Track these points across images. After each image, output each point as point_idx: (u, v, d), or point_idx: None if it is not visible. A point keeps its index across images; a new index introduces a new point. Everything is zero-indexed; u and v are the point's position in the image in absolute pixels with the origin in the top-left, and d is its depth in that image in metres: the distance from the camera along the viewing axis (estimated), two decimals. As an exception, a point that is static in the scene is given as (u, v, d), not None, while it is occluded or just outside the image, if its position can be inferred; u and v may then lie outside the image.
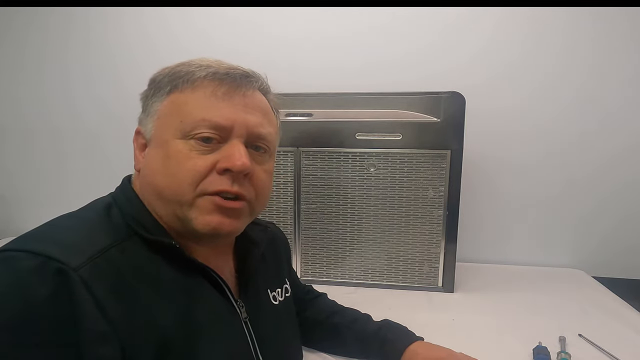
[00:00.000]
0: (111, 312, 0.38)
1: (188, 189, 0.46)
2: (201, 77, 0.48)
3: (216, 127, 0.46)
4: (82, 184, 1.40)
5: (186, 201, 0.46)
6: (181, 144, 0.46)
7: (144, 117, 0.51)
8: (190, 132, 0.46)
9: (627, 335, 0.83)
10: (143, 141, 0.51)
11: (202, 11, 1.27)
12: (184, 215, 0.47)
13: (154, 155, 0.48)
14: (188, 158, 0.46)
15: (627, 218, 1.21)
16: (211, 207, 0.46)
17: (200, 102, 0.47)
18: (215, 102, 0.47)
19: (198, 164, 0.46)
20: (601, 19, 1.13)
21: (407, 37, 1.20)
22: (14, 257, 0.38)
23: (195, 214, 0.46)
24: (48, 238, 0.41)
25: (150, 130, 0.49)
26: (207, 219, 0.46)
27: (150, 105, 0.50)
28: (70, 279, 0.37)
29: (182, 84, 0.48)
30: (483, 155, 1.21)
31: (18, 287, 0.36)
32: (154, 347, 0.41)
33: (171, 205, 0.47)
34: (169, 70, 0.50)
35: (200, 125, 0.46)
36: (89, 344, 0.36)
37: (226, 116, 0.47)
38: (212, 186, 0.46)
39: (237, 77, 0.49)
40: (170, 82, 0.49)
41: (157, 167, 0.47)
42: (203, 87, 0.47)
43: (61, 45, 1.36)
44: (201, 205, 0.46)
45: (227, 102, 0.47)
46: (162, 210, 0.48)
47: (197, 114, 0.46)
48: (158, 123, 0.49)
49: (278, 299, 0.62)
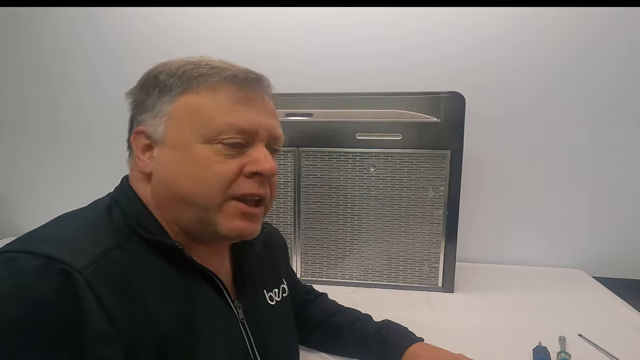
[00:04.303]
0: (114, 312, 0.38)
1: (217, 194, 0.47)
2: (219, 80, 0.48)
3: (243, 132, 0.47)
4: (82, 184, 1.40)
5: (214, 206, 0.47)
6: (205, 148, 0.47)
7: (149, 117, 0.49)
8: (215, 137, 0.47)
9: (627, 335, 0.83)
10: (146, 142, 0.49)
11: (205, 10, 1.27)
12: (210, 219, 0.47)
13: (171, 159, 0.48)
14: (215, 163, 0.47)
15: (628, 218, 1.21)
16: (237, 213, 0.48)
17: (223, 107, 0.47)
18: (239, 107, 0.48)
19: (226, 168, 0.47)
20: (602, 19, 1.13)
21: (408, 37, 1.20)
22: (17, 259, 0.38)
23: (221, 219, 0.48)
24: (51, 239, 0.41)
25: (160, 132, 0.48)
26: (233, 224, 0.48)
27: (158, 105, 0.48)
28: (74, 279, 0.37)
29: (197, 85, 0.48)
30: (483, 155, 1.21)
31: (21, 288, 0.36)
32: (154, 348, 0.41)
33: (196, 209, 0.47)
34: (175, 69, 0.49)
35: (227, 130, 0.47)
36: (93, 344, 0.36)
37: (251, 121, 0.48)
38: (240, 189, 0.48)
39: (254, 81, 0.50)
40: (182, 82, 0.48)
41: (180, 172, 0.47)
42: (224, 90, 0.48)
43: (62, 44, 1.36)
44: (227, 210, 0.48)
45: (249, 107, 0.48)
46: (184, 214, 0.48)
47: (221, 119, 0.47)
48: (171, 125, 0.48)
49: (275, 299, 0.62)
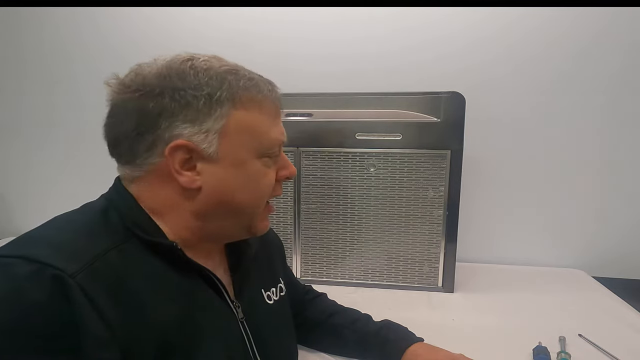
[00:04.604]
0: (109, 316, 0.38)
1: (264, 201, 0.53)
2: (263, 96, 0.50)
3: (282, 144, 0.53)
4: (83, 184, 1.39)
5: (259, 211, 0.53)
6: (258, 162, 0.50)
7: (195, 133, 0.45)
8: (266, 152, 0.51)
9: (627, 335, 0.83)
10: (186, 156, 0.46)
11: (206, 10, 1.27)
12: (252, 224, 0.53)
13: (228, 174, 0.48)
14: (265, 174, 0.52)
15: (628, 218, 1.21)
16: (266, 214, 0.55)
17: (269, 123, 0.51)
18: (277, 121, 0.53)
19: (271, 177, 0.53)
20: (602, 19, 1.13)
21: (408, 37, 1.20)
22: (9, 264, 0.37)
23: (258, 221, 0.54)
24: (43, 243, 0.41)
25: (214, 147, 0.46)
26: (265, 224, 0.55)
27: (204, 120, 0.46)
28: (66, 284, 0.36)
29: (244, 101, 0.48)
30: (483, 155, 1.21)
31: (14, 294, 0.35)
32: (154, 349, 0.41)
33: (245, 217, 0.52)
34: (216, 82, 0.46)
35: (275, 144, 0.52)
36: (88, 348, 0.36)
37: (283, 132, 0.54)
38: (274, 193, 0.54)
39: (279, 97, 0.53)
40: (229, 97, 0.46)
41: (236, 186, 0.49)
42: (266, 107, 0.51)
43: (62, 44, 1.36)
44: (263, 213, 0.54)
45: (280, 119, 0.54)
46: (228, 222, 0.51)
47: (271, 135, 0.51)
48: (227, 142, 0.47)
49: (273, 298, 0.63)
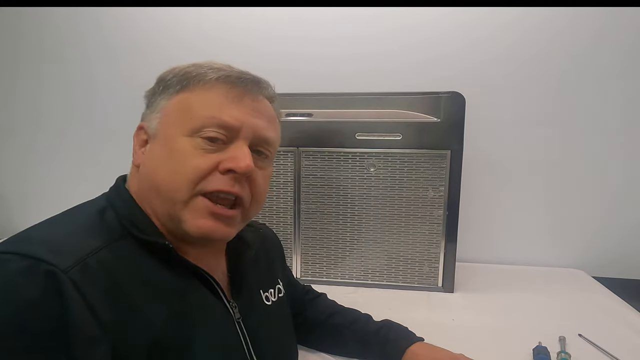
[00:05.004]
0: (102, 313, 0.38)
1: (186, 187, 0.46)
2: (213, 79, 0.49)
3: (224, 127, 0.47)
4: (83, 184, 1.39)
5: (180, 199, 0.46)
6: (187, 141, 0.47)
7: (149, 113, 0.51)
8: (198, 130, 0.47)
9: (627, 335, 0.83)
10: (145, 137, 0.51)
11: (211, 10, 1.27)
12: (177, 214, 0.47)
13: (157, 151, 0.49)
14: (192, 156, 0.46)
15: (628, 218, 1.21)
16: (204, 211, 0.47)
17: (210, 102, 0.48)
18: (226, 103, 0.48)
19: (201, 162, 0.46)
20: (602, 18, 1.13)
21: (408, 36, 1.20)
22: (3, 260, 0.37)
23: (187, 215, 0.46)
24: (37, 240, 0.41)
25: (154, 127, 0.50)
26: (199, 222, 0.47)
27: (157, 102, 0.51)
28: (60, 280, 0.37)
29: (193, 84, 0.49)
30: (483, 155, 1.21)
31: (7, 290, 0.36)
32: (146, 348, 0.41)
33: (166, 203, 0.47)
34: (179, 70, 0.51)
35: (209, 123, 0.47)
36: (79, 345, 0.36)
37: (235, 117, 0.48)
38: (211, 185, 0.46)
39: (248, 82, 0.50)
40: (180, 81, 0.50)
41: (159, 163, 0.48)
42: (215, 89, 0.48)
43: (62, 44, 1.36)
44: (194, 206, 0.46)
45: (237, 104, 0.48)
46: (159, 208, 0.48)
47: (207, 112, 0.47)
48: (163, 120, 0.49)
49: (271, 299, 0.62)
